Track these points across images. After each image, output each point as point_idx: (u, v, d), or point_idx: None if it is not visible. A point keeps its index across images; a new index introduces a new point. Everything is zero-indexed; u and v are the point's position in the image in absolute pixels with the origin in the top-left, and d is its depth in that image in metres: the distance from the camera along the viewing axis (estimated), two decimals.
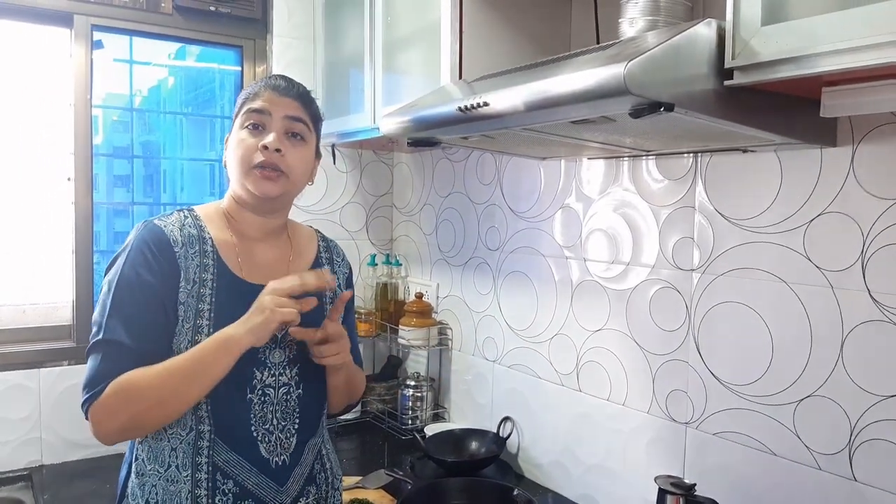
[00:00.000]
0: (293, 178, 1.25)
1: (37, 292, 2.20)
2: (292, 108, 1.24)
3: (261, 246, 1.29)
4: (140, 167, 2.42)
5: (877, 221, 1.22)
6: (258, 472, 1.19)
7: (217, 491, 1.16)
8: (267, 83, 1.26)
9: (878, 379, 1.23)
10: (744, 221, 1.44)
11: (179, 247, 1.18)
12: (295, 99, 1.26)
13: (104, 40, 2.23)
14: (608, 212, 1.76)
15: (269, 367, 1.22)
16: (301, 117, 1.25)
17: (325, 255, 1.40)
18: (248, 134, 1.22)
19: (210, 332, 1.16)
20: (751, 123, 1.10)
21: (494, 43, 1.67)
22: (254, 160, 1.21)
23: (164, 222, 1.21)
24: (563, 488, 1.90)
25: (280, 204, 1.29)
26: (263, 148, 1.20)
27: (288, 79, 1.29)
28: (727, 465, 1.48)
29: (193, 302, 1.16)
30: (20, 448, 2.03)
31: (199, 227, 1.23)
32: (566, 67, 1.10)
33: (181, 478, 1.15)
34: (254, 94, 1.25)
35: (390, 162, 2.71)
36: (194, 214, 1.26)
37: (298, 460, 1.24)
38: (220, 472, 1.16)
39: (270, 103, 1.23)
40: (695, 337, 1.54)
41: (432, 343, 2.36)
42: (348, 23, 2.24)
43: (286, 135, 1.23)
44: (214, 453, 1.16)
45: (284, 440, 1.23)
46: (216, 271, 1.20)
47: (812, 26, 0.92)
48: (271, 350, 1.22)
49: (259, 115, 1.22)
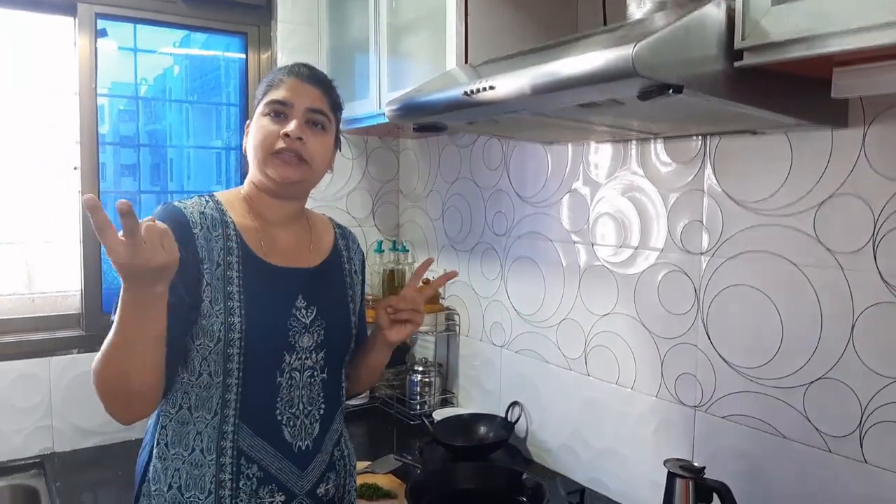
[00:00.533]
0: (314, 166, 1.25)
1: (45, 281, 2.21)
2: (314, 98, 1.24)
3: (282, 231, 1.29)
4: (147, 156, 2.42)
5: (888, 203, 1.21)
6: (281, 457, 1.20)
7: (241, 475, 1.17)
8: (290, 70, 1.26)
9: (888, 361, 1.22)
10: (753, 204, 1.43)
11: (199, 229, 1.17)
12: (317, 87, 1.26)
13: (108, 29, 2.22)
14: (616, 196, 1.75)
15: (298, 350, 1.22)
16: (322, 108, 1.25)
17: (341, 241, 1.41)
18: (269, 121, 1.22)
19: (242, 313, 1.16)
20: (761, 105, 1.08)
21: (500, 26, 1.65)
22: (275, 146, 1.21)
23: (184, 204, 1.21)
24: (572, 472, 1.91)
25: (300, 190, 1.30)
26: (285, 136, 1.20)
27: (310, 67, 1.29)
28: (736, 448, 1.48)
29: (220, 284, 1.16)
30: (32, 436, 2.05)
31: (220, 212, 1.23)
32: (573, 50, 1.09)
33: (205, 462, 1.16)
34: (277, 82, 1.24)
35: (396, 148, 2.70)
36: (215, 199, 1.26)
37: (321, 447, 1.25)
38: (244, 457, 1.17)
39: (293, 93, 1.23)
40: (704, 320, 1.54)
41: (440, 329, 2.36)
42: (353, 8, 2.23)
43: (307, 124, 1.23)
44: (239, 438, 1.17)
45: (308, 425, 1.24)
46: (241, 254, 1.20)
47: (823, 6, 0.90)
48: (300, 334, 1.23)
49: (281, 105, 1.22)
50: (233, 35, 2.44)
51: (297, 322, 1.23)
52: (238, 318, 1.16)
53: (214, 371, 1.16)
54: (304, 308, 1.24)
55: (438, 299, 2.39)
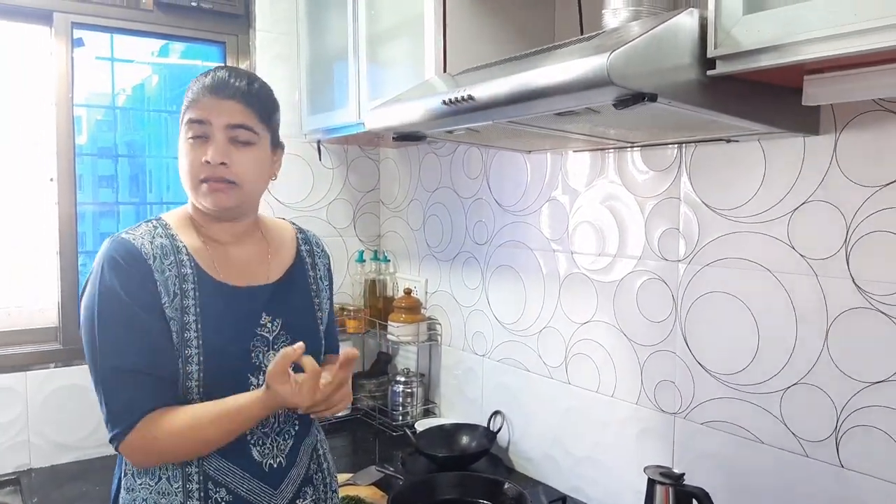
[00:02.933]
0: (246, 187, 1.19)
1: (21, 294, 2.18)
2: (233, 114, 1.16)
3: (234, 248, 1.25)
4: (125, 166, 2.40)
5: (860, 209, 1.23)
6: (250, 478, 1.17)
7: (209, 500, 1.14)
8: (205, 85, 1.17)
9: (863, 365, 1.24)
10: (728, 211, 1.44)
11: (153, 260, 1.13)
12: (237, 100, 1.16)
13: (85, 38, 2.21)
14: (594, 204, 1.76)
15: (265, 370, 1.18)
16: (243, 122, 1.17)
17: (304, 247, 1.37)
18: (191, 146, 1.16)
19: (199, 342, 1.13)
20: (734, 113, 1.10)
21: (478, 35, 1.66)
22: (200, 174, 1.16)
23: (133, 235, 1.15)
24: (554, 481, 1.91)
25: (241, 210, 1.24)
26: (206, 163, 1.15)
27: (231, 72, 1.20)
28: (715, 453, 1.49)
29: (178, 315, 1.13)
30: (8, 452, 2.01)
31: (171, 237, 1.18)
32: (550, 59, 1.10)
33: (172, 489, 1.14)
34: (193, 101, 1.17)
35: (377, 157, 2.70)
36: (164, 223, 1.21)
37: (294, 461, 1.23)
38: (211, 481, 1.15)
39: (209, 111, 1.15)
40: (682, 327, 1.55)
41: (422, 339, 2.35)
42: (331, 17, 2.23)
43: (231, 142, 1.16)
44: (205, 462, 1.15)
45: (281, 442, 1.21)
46: (196, 279, 1.16)
47: (793, 14, 0.92)
48: (265, 353, 1.20)
49: (199, 125, 1.15)
50: (211, 44, 2.44)
51: (261, 340, 1.20)
52: (194, 348, 1.13)
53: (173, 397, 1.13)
54: (270, 323, 1.22)
55: (420, 309, 2.38)
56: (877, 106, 1.20)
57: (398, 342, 2.38)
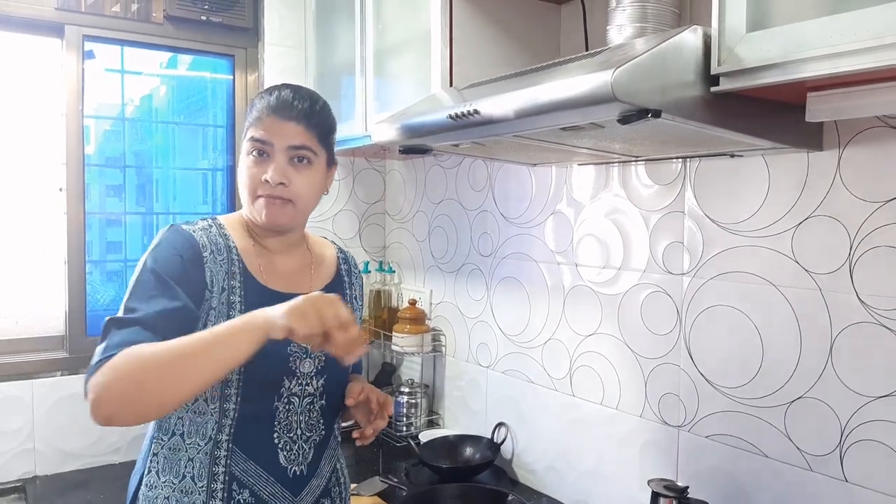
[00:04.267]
0: (300, 206, 1.23)
1: (29, 303, 2.19)
2: (295, 135, 1.20)
3: (281, 257, 1.29)
4: (133, 177, 2.42)
5: (863, 224, 1.23)
6: (274, 482, 1.19)
7: (232, 501, 1.16)
8: (269, 105, 1.21)
9: (867, 380, 1.24)
10: (733, 225, 1.45)
11: (208, 252, 1.17)
12: (298, 122, 1.20)
13: (95, 50, 2.23)
14: (599, 217, 1.77)
15: (299, 376, 1.22)
16: (304, 144, 1.21)
17: (343, 266, 1.41)
18: (252, 162, 1.21)
19: None
20: (737, 129, 1.11)
21: (484, 50, 1.68)
22: (258, 191, 1.20)
23: (192, 228, 1.20)
24: (558, 493, 1.90)
25: (293, 225, 1.28)
26: (266, 182, 1.19)
27: (294, 92, 1.23)
28: (719, 467, 1.49)
29: (224, 308, 1.16)
30: (14, 459, 2.02)
31: (224, 236, 1.22)
32: (555, 75, 1.11)
33: (196, 488, 1.15)
34: (256, 120, 1.21)
35: (382, 169, 2.72)
36: (218, 223, 1.25)
37: (315, 471, 1.25)
38: (236, 482, 1.16)
39: (271, 133, 1.19)
40: (686, 340, 1.55)
41: (426, 349, 2.36)
42: (340, 31, 2.25)
43: (290, 161, 1.21)
44: (232, 462, 1.16)
45: (306, 450, 1.24)
46: (243, 279, 1.20)
47: (796, 32, 0.93)
48: (302, 360, 1.23)
49: (262, 143, 1.20)
50: (220, 57, 2.46)
51: (299, 347, 1.22)
52: None
53: (211, 397, 1.16)
54: None
55: (424, 320, 2.39)
56: (880, 122, 1.21)
57: (402, 353, 2.38)
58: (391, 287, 2.59)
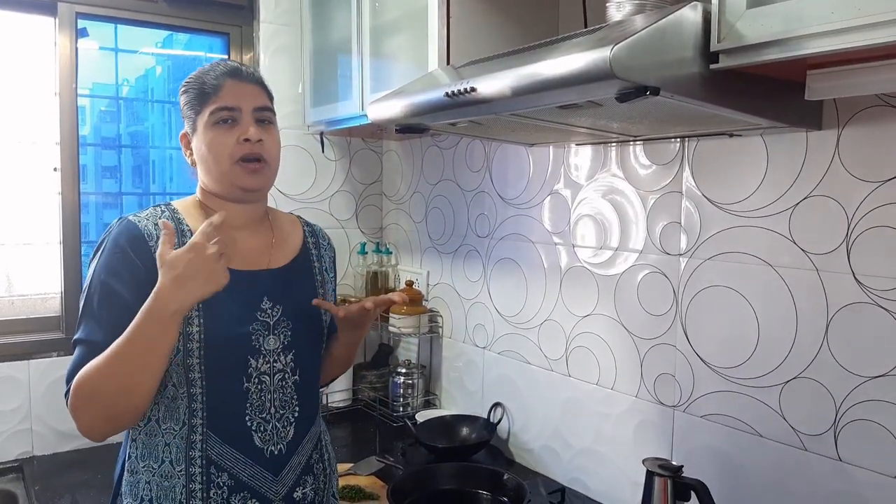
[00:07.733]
0: (273, 166, 1.26)
1: (25, 283, 2.18)
2: (257, 96, 1.24)
3: (242, 234, 1.27)
4: (129, 157, 2.40)
5: (861, 204, 1.23)
6: (252, 463, 1.18)
7: (211, 484, 1.16)
8: (224, 72, 1.23)
9: (862, 360, 1.24)
10: (730, 206, 1.45)
11: (154, 241, 1.16)
12: (256, 83, 1.25)
13: (89, 28, 2.21)
14: (596, 197, 1.76)
15: (264, 353, 1.21)
16: (266, 105, 1.25)
17: (310, 239, 1.39)
18: (222, 131, 1.20)
19: (200, 322, 1.15)
20: (736, 107, 1.10)
21: (482, 28, 1.66)
22: (237, 154, 1.20)
23: (139, 217, 1.19)
24: (554, 472, 1.92)
25: (265, 191, 1.30)
26: (245, 141, 1.19)
27: (238, 63, 1.29)
28: (714, 446, 1.49)
29: None
30: (10, 440, 2.02)
31: (176, 220, 1.22)
32: (553, 52, 1.10)
33: (175, 473, 1.15)
34: (214, 89, 1.21)
35: (379, 150, 2.70)
36: (171, 208, 1.25)
37: (296, 449, 1.24)
38: (213, 466, 1.16)
39: (237, 97, 1.21)
40: (682, 321, 1.56)
41: (423, 330, 2.36)
42: (335, 8, 2.23)
43: (257, 123, 1.23)
44: (207, 447, 1.16)
45: (281, 429, 1.22)
46: None
47: (797, 9, 0.92)
48: (265, 337, 1.22)
49: (229, 111, 1.20)
50: (215, 35, 2.44)
51: (261, 325, 1.21)
52: (196, 326, 1.14)
53: (178, 382, 1.16)
54: (270, 309, 1.23)
55: (421, 301, 2.39)
56: (880, 101, 1.20)
57: (399, 334, 2.38)
58: (388, 268, 2.59)
